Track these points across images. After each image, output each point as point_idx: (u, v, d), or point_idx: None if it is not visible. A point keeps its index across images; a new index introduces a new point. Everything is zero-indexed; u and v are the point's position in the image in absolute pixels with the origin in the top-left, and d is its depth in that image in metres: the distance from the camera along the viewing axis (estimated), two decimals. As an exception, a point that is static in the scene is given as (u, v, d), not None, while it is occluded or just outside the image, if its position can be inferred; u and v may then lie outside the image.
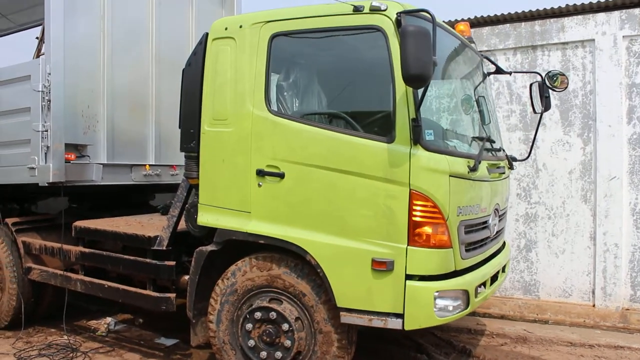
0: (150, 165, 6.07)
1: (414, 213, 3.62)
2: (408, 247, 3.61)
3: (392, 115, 3.64)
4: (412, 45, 3.28)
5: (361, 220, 3.72)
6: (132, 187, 6.12)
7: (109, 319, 6.26)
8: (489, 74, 5.28)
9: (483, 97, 4.86)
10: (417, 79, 3.33)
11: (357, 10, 3.78)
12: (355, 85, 4.10)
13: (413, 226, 3.62)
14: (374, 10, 3.72)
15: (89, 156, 5.46)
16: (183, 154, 4.51)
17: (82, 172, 5.37)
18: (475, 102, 4.68)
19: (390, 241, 3.65)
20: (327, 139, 3.81)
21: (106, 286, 5.12)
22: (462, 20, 6.44)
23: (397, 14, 3.63)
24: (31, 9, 10.18)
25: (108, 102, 5.69)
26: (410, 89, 3.57)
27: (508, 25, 6.82)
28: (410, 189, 3.60)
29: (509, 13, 6.86)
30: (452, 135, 4.26)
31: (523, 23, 6.74)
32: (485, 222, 4.23)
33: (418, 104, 3.55)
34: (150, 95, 6.19)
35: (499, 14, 6.90)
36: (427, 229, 3.64)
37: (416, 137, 3.58)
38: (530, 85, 5.02)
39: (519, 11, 6.78)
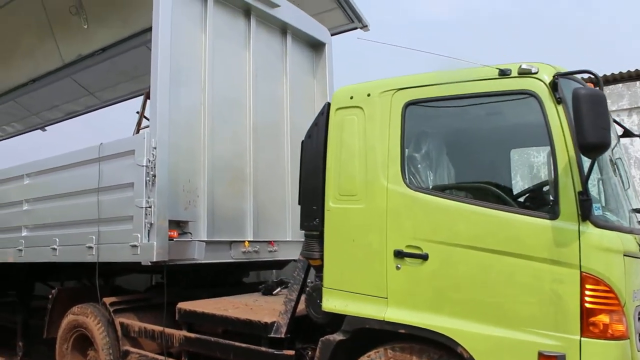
0: (249, 241, 5.78)
1: (587, 299, 3.13)
2: (582, 338, 3.10)
3: (554, 187, 3.22)
4: (589, 111, 2.91)
5: (523, 308, 3.25)
6: (229, 265, 5.82)
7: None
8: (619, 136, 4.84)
9: (620, 159, 4.41)
10: (597, 148, 2.94)
11: (503, 74, 3.45)
12: (504, 155, 3.73)
13: (586, 314, 3.13)
14: (524, 73, 3.37)
15: (190, 233, 5.21)
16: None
17: (184, 250, 5.10)
18: (615, 167, 4.23)
19: (560, 332, 3.15)
20: (478, 216, 3.40)
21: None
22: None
23: (554, 76, 3.28)
24: (116, 86, 10.50)
25: (208, 176, 5.49)
26: (574, 159, 3.17)
27: (620, 85, 6.41)
28: (581, 272, 3.13)
29: (620, 72, 6.47)
30: (612, 207, 3.79)
31: (638, 82, 6.32)
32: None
33: (586, 175, 3.14)
34: (247, 168, 5.98)
35: (608, 73, 6.53)
36: (603, 318, 3.13)
37: (585, 213, 3.13)
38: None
39: (631, 70, 6.39)
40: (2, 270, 7.23)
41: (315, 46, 7.25)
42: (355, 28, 8.48)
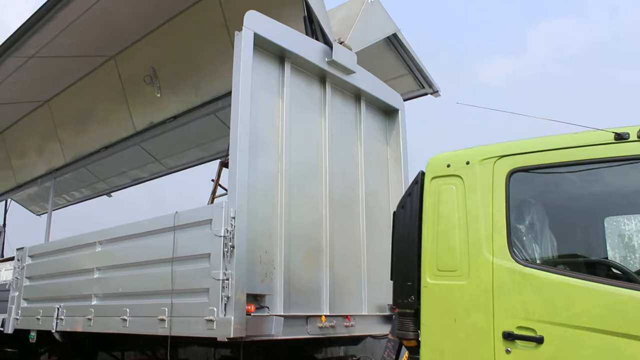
0: (325, 316, 5.47)
1: None
2: None
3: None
4: None
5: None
6: (304, 341, 5.51)
7: None
8: None
9: None
10: None
11: (620, 138, 3.16)
12: (625, 225, 3.38)
13: None
14: (645, 137, 3.09)
15: (267, 307, 4.95)
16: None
17: (262, 326, 4.83)
18: None
19: None
20: (601, 295, 3.03)
21: None
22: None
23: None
24: (182, 153, 10.62)
25: (285, 247, 5.27)
26: None
27: None
28: None
29: None
30: None
31: None
32: None
33: None
34: (323, 237, 5.74)
35: None
36: None
37: None
38: None
39: None
40: (67, 338, 7.10)
41: (388, 112, 7.12)
42: (426, 94, 8.36)
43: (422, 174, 3.86)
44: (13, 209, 14.76)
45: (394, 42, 7.70)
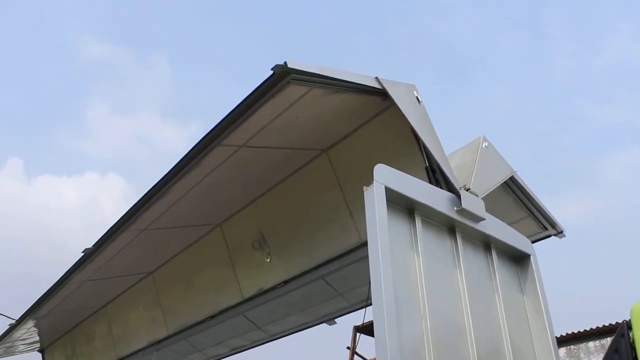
0: None
1: None
2: None
3: None
4: None
5: None
6: None
7: None
8: None
9: None
10: None
11: None
12: None
13: None
14: None
15: None
16: None
17: None
18: None
19: None
20: None
21: None
22: None
23: None
24: (284, 319, 10.17)
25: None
26: None
27: None
28: None
29: None
30: None
31: None
32: None
33: None
34: (479, 408, 5.02)
35: None
36: None
37: None
38: None
39: None
40: None
41: (519, 259, 6.56)
42: (549, 235, 7.82)
43: (626, 325, 3.29)
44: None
45: (510, 185, 7.36)
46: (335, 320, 9.87)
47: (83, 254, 8.46)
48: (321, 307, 9.52)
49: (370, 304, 6.50)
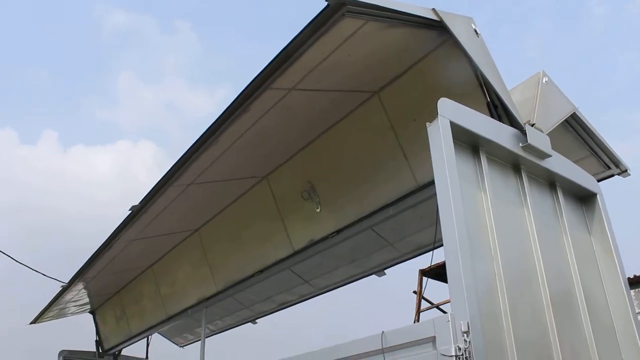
0: None
1: None
2: None
3: None
4: None
5: None
6: None
7: None
8: None
9: None
10: None
11: None
12: None
13: None
14: None
15: None
16: None
17: None
18: None
19: None
20: None
21: None
22: None
23: None
24: (333, 272, 10.04)
25: (517, 363, 4.38)
26: None
27: None
28: None
29: None
30: None
31: None
32: None
33: None
34: (553, 351, 4.79)
35: None
36: None
37: None
38: None
39: None
40: None
41: (584, 198, 6.26)
42: (613, 175, 7.45)
43: None
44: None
45: (571, 122, 6.98)
46: (385, 271, 9.71)
47: (130, 211, 8.40)
48: (370, 258, 9.37)
49: (437, 247, 6.32)
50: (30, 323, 13.84)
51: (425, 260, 8.97)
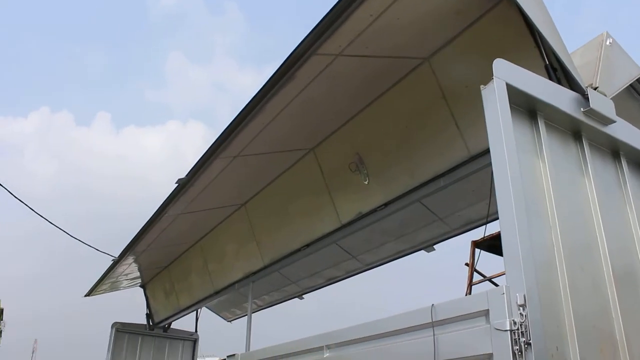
0: None
1: None
2: None
3: None
4: None
5: None
6: None
7: None
8: None
9: None
10: None
11: None
12: None
13: None
14: None
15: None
16: None
17: None
18: None
19: None
20: None
21: None
22: None
23: None
24: (380, 247, 9.85)
25: (577, 341, 4.11)
26: None
27: None
28: None
29: None
30: None
31: None
32: None
33: None
34: (615, 327, 4.49)
35: None
36: None
37: None
38: None
39: None
40: None
41: (650, 167, 5.85)
42: (682, 146, 6.94)
43: None
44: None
45: (637, 87, 6.54)
46: (434, 246, 9.47)
47: (177, 184, 8.39)
48: (419, 233, 9.14)
49: (490, 220, 6.06)
50: (85, 295, 14.22)
51: (474, 236, 8.69)
